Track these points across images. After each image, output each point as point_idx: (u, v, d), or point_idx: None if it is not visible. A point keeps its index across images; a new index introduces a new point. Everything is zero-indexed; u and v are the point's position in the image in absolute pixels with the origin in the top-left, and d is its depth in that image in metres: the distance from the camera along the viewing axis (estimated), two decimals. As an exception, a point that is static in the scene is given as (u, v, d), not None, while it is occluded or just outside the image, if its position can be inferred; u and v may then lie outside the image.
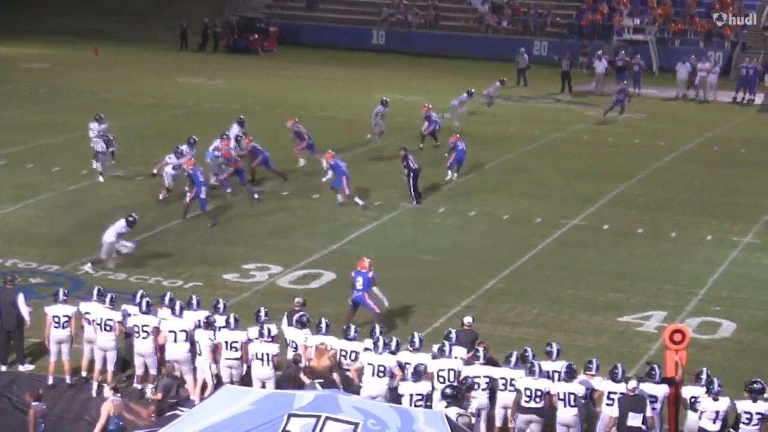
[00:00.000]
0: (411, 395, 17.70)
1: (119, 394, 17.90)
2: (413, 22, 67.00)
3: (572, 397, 17.84)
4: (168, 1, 71.55)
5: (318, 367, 18.69)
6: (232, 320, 19.65)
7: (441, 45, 64.59)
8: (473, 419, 17.06)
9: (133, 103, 45.86)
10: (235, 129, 34.83)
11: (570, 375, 18.02)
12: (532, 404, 17.97)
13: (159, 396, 19.15)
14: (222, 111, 45.41)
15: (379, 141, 39.72)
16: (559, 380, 18.15)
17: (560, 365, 18.35)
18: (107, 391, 18.01)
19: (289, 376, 18.78)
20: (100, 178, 33.42)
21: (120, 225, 26.10)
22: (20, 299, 20.82)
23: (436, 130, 39.96)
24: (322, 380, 18.37)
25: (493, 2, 66.88)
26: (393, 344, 18.92)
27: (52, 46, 62.28)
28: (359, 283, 22.74)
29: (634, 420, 17.33)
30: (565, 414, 17.88)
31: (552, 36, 64.48)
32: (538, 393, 17.93)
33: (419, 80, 55.53)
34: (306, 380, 18.41)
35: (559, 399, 17.89)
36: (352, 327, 19.79)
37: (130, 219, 26.21)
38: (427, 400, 17.74)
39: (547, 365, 18.49)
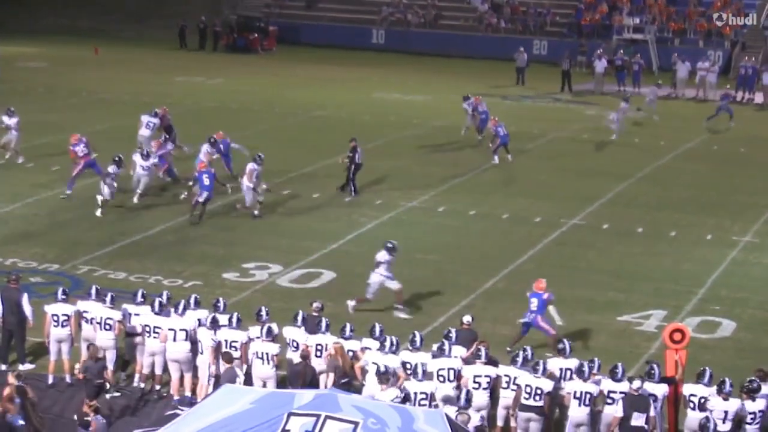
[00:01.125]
0: (415, 393, 17.72)
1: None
2: (413, 21, 67.00)
3: (587, 396, 17.85)
4: (166, 1, 71.52)
5: (345, 366, 18.71)
6: (234, 320, 19.63)
7: (440, 44, 64.59)
8: (471, 416, 17.04)
9: (131, 102, 45.83)
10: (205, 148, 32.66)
11: (585, 373, 18.01)
12: (532, 402, 17.96)
13: (80, 376, 19.07)
14: (220, 110, 45.44)
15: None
16: (571, 378, 18.15)
17: (573, 363, 18.36)
18: (11, 378, 17.71)
19: (298, 372, 18.77)
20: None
21: (382, 255, 24.25)
22: (24, 299, 20.82)
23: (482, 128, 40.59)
24: (347, 379, 18.40)
25: (493, 1, 66.87)
26: (393, 344, 18.91)
27: (50, 45, 62.26)
28: (533, 304, 22.08)
29: (637, 420, 17.32)
30: (579, 413, 17.89)
31: (551, 35, 64.47)
32: (539, 391, 17.93)
33: (418, 79, 55.49)
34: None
35: (575, 398, 17.89)
36: (348, 325, 19.76)
37: (389, 246, 24.34)
38: (431, 400, 17.75)
39: (560, 362, 18.50)
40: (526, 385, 18.00)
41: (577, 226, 31.16)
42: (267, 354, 19.13)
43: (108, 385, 19.40)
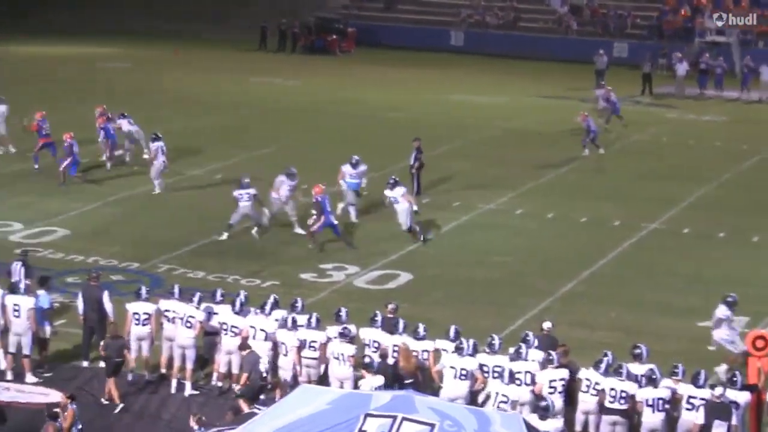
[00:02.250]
0: (497, 394, 17.66)
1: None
2: (491, 23, 66.80)
3: (660, 402, 17.68)
4: (246, 2, 71.96)
5: (407, 368, 18.72)
6: (314, 320, 19.69)
7: (519, 46, 64.29)
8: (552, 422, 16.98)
9: (208, 102, 46.17)
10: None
11: (656, 380, 17.84)
12: (616, 405, 17.84)
13: (102, 353, 19.62)
14: (297, 111, 45.61)
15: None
16: (644, 385, 18.00)
17: (645, 369, 18.20)
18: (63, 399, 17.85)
19: (378, 372, 18.78)
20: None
21: (721, 310, 21.94)
22: (105, 296, 21.06)
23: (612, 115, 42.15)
24: (412, 380, 18.41)
25: (572, 3, 66.48)
26: (471, 346, 18.88)
27: (132, 46, 62.90)
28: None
29: (719, 428, 17.07)
30: (653, 419, 17.74)
31: (632, 37, 63.93)
32: (623, 395, 17.80)
33: (497, 81, 55.28)
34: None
35: (647, 405, 17.73)
36: (421, 326, 19.74)
37: (730, 300, 21.98)
38: (512, 405, 17.68)
39: (635, 369, 18.35)
40: (611, 389, 17.87)
41: (656, 230, 30.85)
42: (344, 354, 19.16)
43: (130, 366, 19.90)
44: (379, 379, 18.27)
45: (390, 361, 19.16)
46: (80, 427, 17.11)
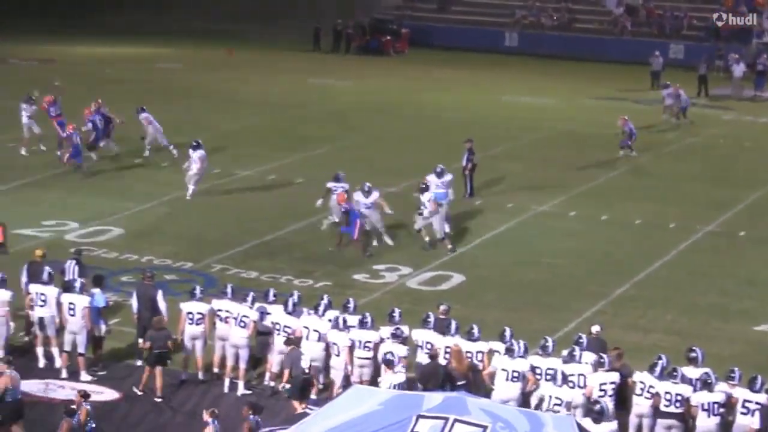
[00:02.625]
0: (550, 396, 17.59)
1: (13, 367, 17.99)
2: (546, 23, 66.55)
3: (715, 406, 17.55)
4: (300, 3, 72.16)
5: (460, 369, 18.70)
6: (368, 320, 19.70)
7: (574, 47, 64.00)
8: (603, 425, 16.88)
9: (262, 102, 46.32)
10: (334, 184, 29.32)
11: (711, 384, 17.70)
12: (672, 409, 17.73)
13: (146, 345, 19.80)
14: (351, 112, 45.67)
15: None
16: (700, 389, 17.86)
17: (700, 373, 18.09)
18: (1, 366, 17.97)
19: (429, 372, 18.77)
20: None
21: None
22: (159, 295, 21.17)
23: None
24: (464, 382, 18.39)
25: (628, 4, 66.10)
26: (522, 348, 18.83)
27: (185, 46, 63.24)
28: None
29: (774, 432, 16.97)
30: (708, 423, 17.62)
31: (688, 39, 63.46)
32: (678, 398, 17.70)
33: (550, 82, 55.06)
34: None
35: (702, 409, 17.61)
36: (476, 327, 19.70)
37: None
38: (566, 407, 17.60)
39: (691, 372, 18.24)
40: (666, 393, 17.76)
41: (711, 233, 30.60)
42: (396, 355, 19.12)
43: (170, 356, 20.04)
44: (400, 377, 18.35)
45: (442, 361, 19.15)
46: (93, 425, 17.17)
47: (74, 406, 17.08)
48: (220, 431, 16.81)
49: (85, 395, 17.42)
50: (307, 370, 18.97)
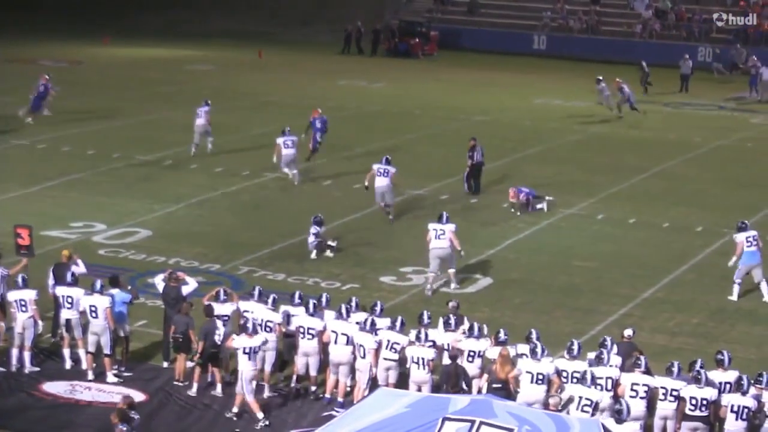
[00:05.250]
0: (580, 398, 17.59)
1: None
2: (575, 27, 66.42)
3: (745, 410, 17.50)
4: (330, 5, 72.30)
5: (500, 374, 18.64)
6: (398, 322, 19.70)
7: (603, 50, 63.86)
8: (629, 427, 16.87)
9: (293, 104, 46.40)
10: None
11: (744, 386, 17.66)
12: (698, 413, 17.70)
13: (201, 344, 19.90)
14: (382, 114, 45.72)
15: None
16: (730, 392, 17.83)
17: (732, 376, 18.03)
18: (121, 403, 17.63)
19: (449, 372, 18.78)
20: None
21: None
22: (182, 290, 21.13)
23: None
24: (500, 385, 18.36)
25: (657, 8, 65.90)
26: (545, 351, 18.80)
27: (217, 48, 63.48)
28: None
29: (803, 437, 16.89)
30: (736, 426, 17.56)
31: (717, 42, 63.20)
32: (704, 402, 17.65)
33: (579, 85, 54.92)
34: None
35: (731, 411, 17.57)
36: (502, 330, 19.68)
37: None
38: (594, 408, 17.54)
39: (718, 375, 18.17)
40: (691, 397, 17.71)
41: (740, 237, 30.43)
42: (423, 359, 19.15)
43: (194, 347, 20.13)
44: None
45: (446, 360, 19.19)
46: None
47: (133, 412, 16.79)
48: None
49: (131, 404, 16.93)
50: (218, 344, 19.66)
